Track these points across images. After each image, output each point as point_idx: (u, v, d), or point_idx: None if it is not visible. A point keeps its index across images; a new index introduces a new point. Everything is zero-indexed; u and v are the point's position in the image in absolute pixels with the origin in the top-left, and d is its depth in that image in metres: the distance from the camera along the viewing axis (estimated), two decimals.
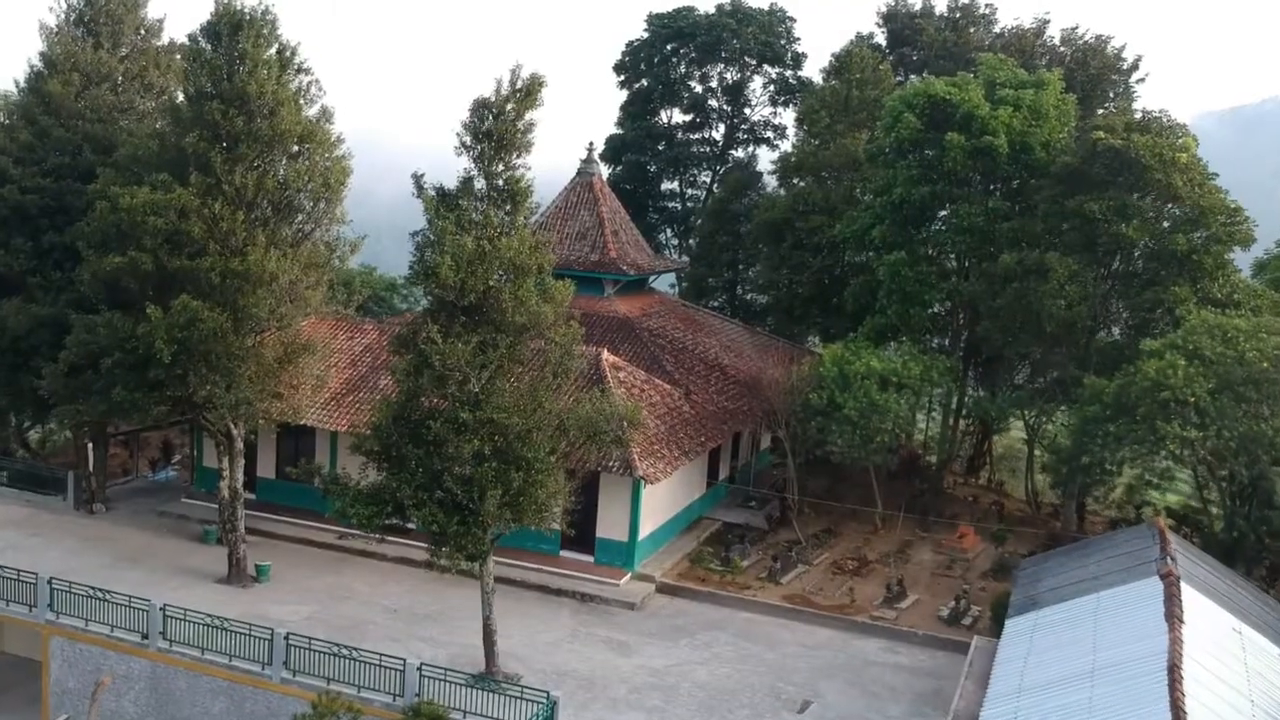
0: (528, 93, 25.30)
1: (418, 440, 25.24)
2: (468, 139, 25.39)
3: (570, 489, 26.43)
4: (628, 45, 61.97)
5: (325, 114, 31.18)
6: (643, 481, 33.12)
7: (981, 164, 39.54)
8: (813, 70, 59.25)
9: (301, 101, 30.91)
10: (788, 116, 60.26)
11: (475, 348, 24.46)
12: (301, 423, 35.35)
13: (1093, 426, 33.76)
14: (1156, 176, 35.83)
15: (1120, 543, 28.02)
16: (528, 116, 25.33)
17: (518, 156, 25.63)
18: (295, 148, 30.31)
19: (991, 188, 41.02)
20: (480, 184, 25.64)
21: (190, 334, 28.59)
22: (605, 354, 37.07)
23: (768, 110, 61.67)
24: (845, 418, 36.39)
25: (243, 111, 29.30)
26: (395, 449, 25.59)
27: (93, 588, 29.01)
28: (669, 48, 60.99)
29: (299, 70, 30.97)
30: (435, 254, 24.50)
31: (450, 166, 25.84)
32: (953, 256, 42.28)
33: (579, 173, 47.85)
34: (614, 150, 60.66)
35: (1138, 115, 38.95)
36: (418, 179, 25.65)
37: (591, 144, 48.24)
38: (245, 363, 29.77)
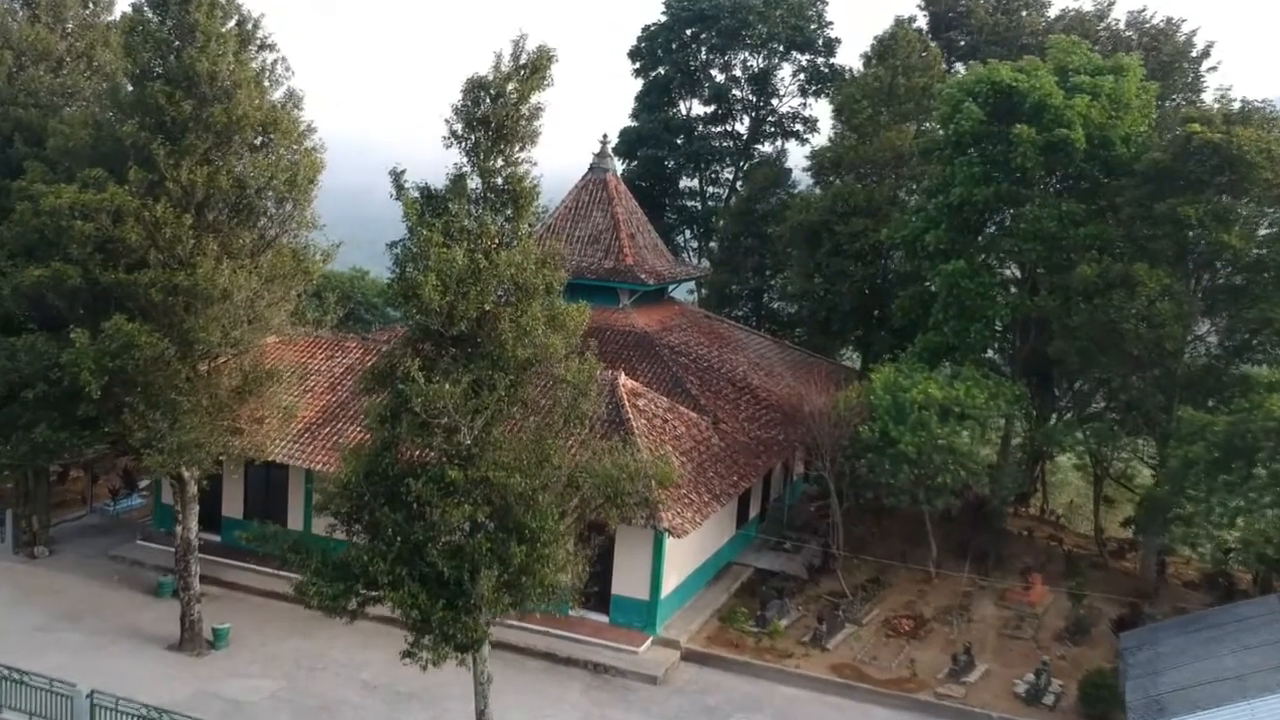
0: (534, 70, 20.25)
1: (395, 502, 20.23)
2: (459, 127, 20.37)
3: (584, 558, 21.37)
4: (644, 30, 56.97)
5: (293, 98, 26.22)
6: (667, 534, 28.13)
7: (1054, 161, 34.42)
8: (846, 57, 54.18)
9: (265, 83, 25.94)
10: (819, 108, 55.41)
11: (467, 389, 19.44)
12: (270, 459, 30.39)
13: (1197, 470, 28.75)
14: (1264, 175, 30.85)
15: (1254, 622, 22.97)
16: (533, 99, 20.28)
17: (521, 149, 20.58)
18: (256, 138, 25.33)
19: (1064, 188, 35.87)
20: (475, 183, 20.60)
21: (124, 363, 23.68)
22: (622, 379, 32.07)
23: (796, 101, 56.66)
24: (901, 455, 31.34)
25: (192, 94, 24.38)
26: (368, 511, 20.59)
27: (7, 668, 24.07)
28: (689, 33, 55.96)
29: (262, 46, 26.04)
30: (417, 270, 19.45)
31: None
32: (1017, 266, 37.17)
33: (591, 169, 42.90)
34: (628, 144, 55.61)
35: (1236, 105, 33.81)
36: (397, 177, 20.61)
37: (605, 136, 43.32)
38: (194, 395, 24.83)
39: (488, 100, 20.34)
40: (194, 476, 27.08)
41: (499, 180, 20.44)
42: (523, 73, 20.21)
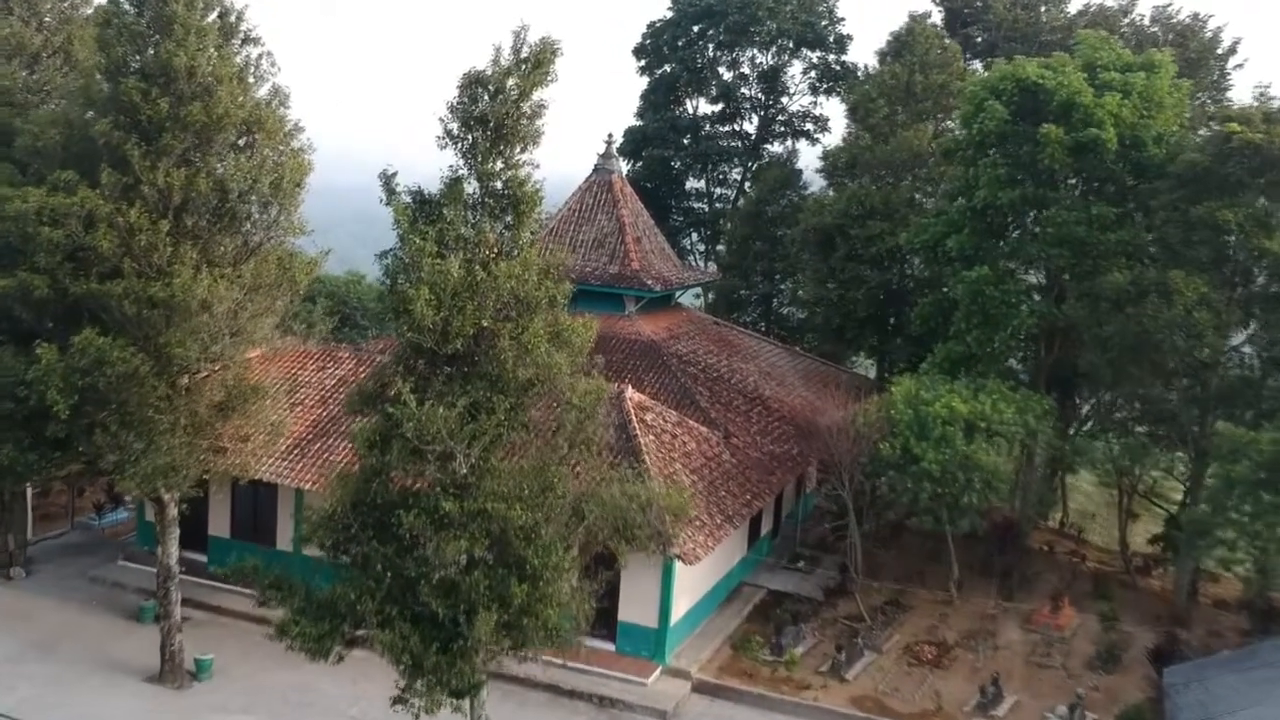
0: (536, 64, 18.57)
1: (385, 535, 18.55)
2: (455, 126, 18.68)
3: (591, 594, 19.66)
4: (649, 26, 55.29)
5: (279, 95, 24.49)
6: (678, 560, 26.43)
7: (1083, 162, 32.71)
8: (859, 54, 52.42)
9: (250, 79, 24.23)
10: (830, 107, 53.65)
11: (463, 413, 17.76)
12: (257, 478, 28.70)
13: (1240, 491, 27.05)
14: None
15: None
16: (536, 96, 18.60)
17: (522, 150, 18.90)
18: (238, 138, 23.64)
19: (1092, 190, 34.15)
20: (472, 187, 18.92)
21: (95, 380, 21.97)
22: (629, 392, 30.37)
23: (807, 100, 54.88)
24: (924, 473, 29.63)
25: (169, 91, 22.67)
26: (355, 544, 18.91)
27: None
28: (696, 29, 54.26)
29: (246, 40, 24.32)
30: (409, 283, 17.75)
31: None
32: (1040, 273, 35.48)
33: (596, 169, 41.22)
34: (634, 144, 53.90)
35: (1277, 104, 32.12)
36: (387, 180, 18.91)
37: (610, 136, 41.63)
38: (171, 414, 23.13)
39: (486, 97, 18.67)
40: (174, 499, 25.41)
41: (498, 184, 18.76)
42: (524, 67, 18.54)
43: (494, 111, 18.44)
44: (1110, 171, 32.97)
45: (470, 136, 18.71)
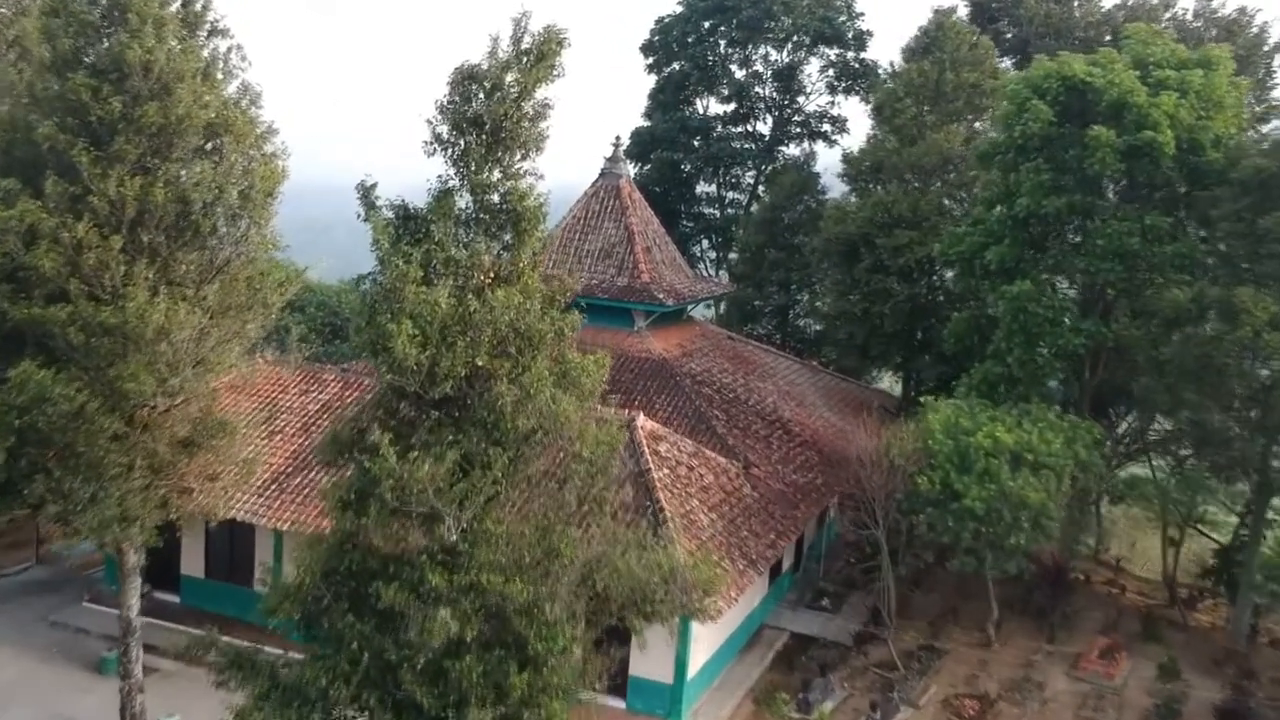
0: (540, 56, 15.81)
1: (361, 609, 15.81)
2: (445, 128, 15.92)
3: (601, 668, 16.90)
4: (657, 22, 52.58)
5: (249, 95, 21.72)
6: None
7: (1137, 168, 29.94)
8: (879, 52, 49.63)
9: (217, 76, 21.46)
10: (849, 107, 50.87)
11: (452, 468, 15.00)
12: (231, 516, 25.94)
13: None
14: None
15: None
16: (539, 94, 15.83)
17: (523, 157, 16.15)
18: (203, 142, 20.87)
19: (1143, 199, 31.36)
20: (464, 200, 16.16)
21: (37, 419, 19.22)
22: (641, 420, 27.63)
23: (824, 99, 52.08)
24: (967, 511, 26.87)
25: (122, 89, 19.89)
26: (327, 620, 16.15)
27: None
28: (706, 25, 51.53)
29: (213, 32, 21.55)
30: (389, 315, 14.98)
31: None
32: (1080, 287, 32.69)
33: (603, 174, 38.56)
34: (641, 146, 51.16)
35: None
36: (366, 191, 16.16)
37: (618, 138, 38.98)
38: (125, 454, 20.37)
39: (481, 95, 15.90)
40: (136, 545, 22.65)
41: (494, 197, 16.00)
42: (525, 60, 15.77)
43: (490, 112, 15.68)
44: (1165, 178, 30.21)
45: (462, 141, 15.95)
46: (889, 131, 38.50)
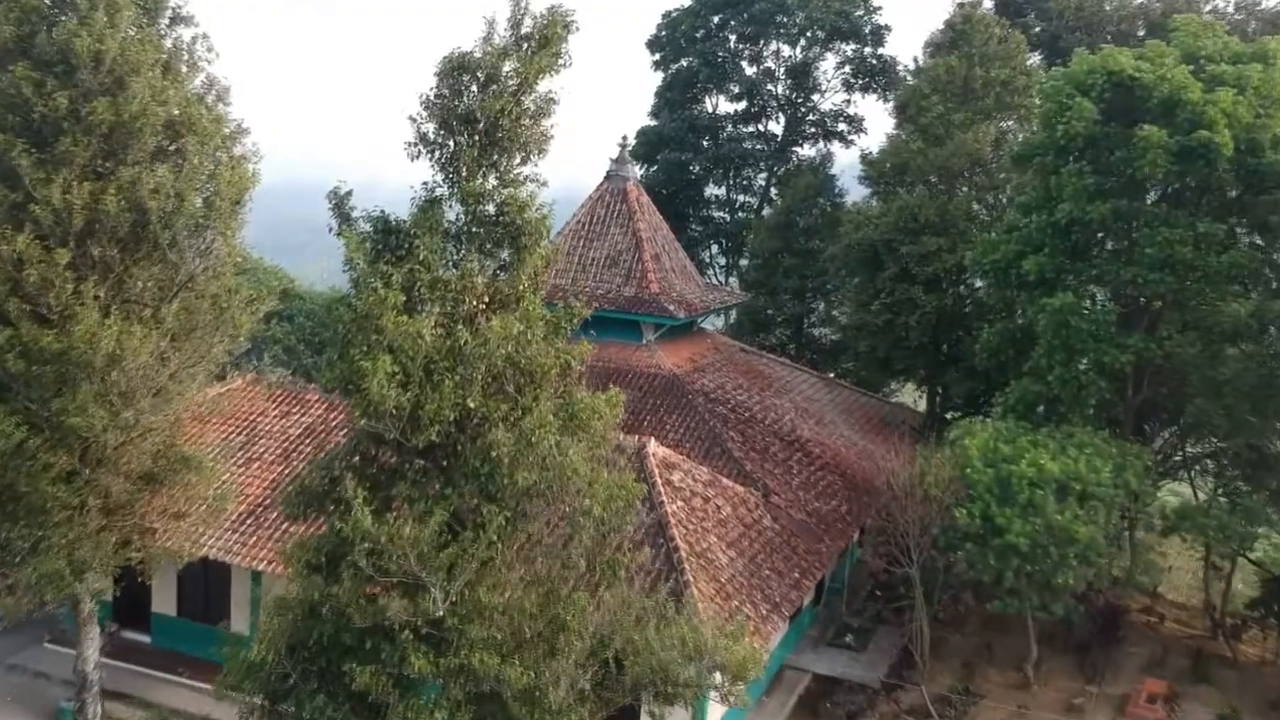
0: (543, 42, 13.50)
1: (334, 689, 13.47)
2: (431, 128, 13.59)
3: None
4: (665, 16, 50.13)
5: (216, 90, 19.41)
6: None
7: (1191, 170, 27.52)
8: (897, 48, 47.22)
9: (181, 68, 19.16)
10: (866, 105, 48.47)
11: (440, 530, 12.65)
12: (202, 555, 23.61)
13: None
14: None
15: None
16: (542, 86, 13.49)
17: (522, 161, 13.85)
18: (164, 142, 18.54)
19: (1191, 203, 28.97)
20: (454, 211, 13.83)
21: None
22: (652, 446, 25.30)
23: (840, 97, 49.64)
24: (1010, 548, 24.49)
25: (69, 83, 17.58)
26: (294, 702, 13.81)
27: None
28: (716, 19, 49.11)
29: (175, 20, 19.26)
30: (363, 349, 12.63)
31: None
32: (1130, 300, 30.27)
33: (609, 176, 36.20)
34: (647, 146, 48.74)
35: None
36: (339, 201, 13.85)
37: (625, 138, 36.63)
38: (75, 495, 18.04)
39: (474, 88, 13.57)
40: (91, 593, 20.34)
41: (489, 208, 13.66)
42: (526, 47, 13.43)
43: (484, 108, 13.37)
44: (1219, 181, 27.80)
45: (452, 142, 13.64)
46: (914, 131, 36.10)
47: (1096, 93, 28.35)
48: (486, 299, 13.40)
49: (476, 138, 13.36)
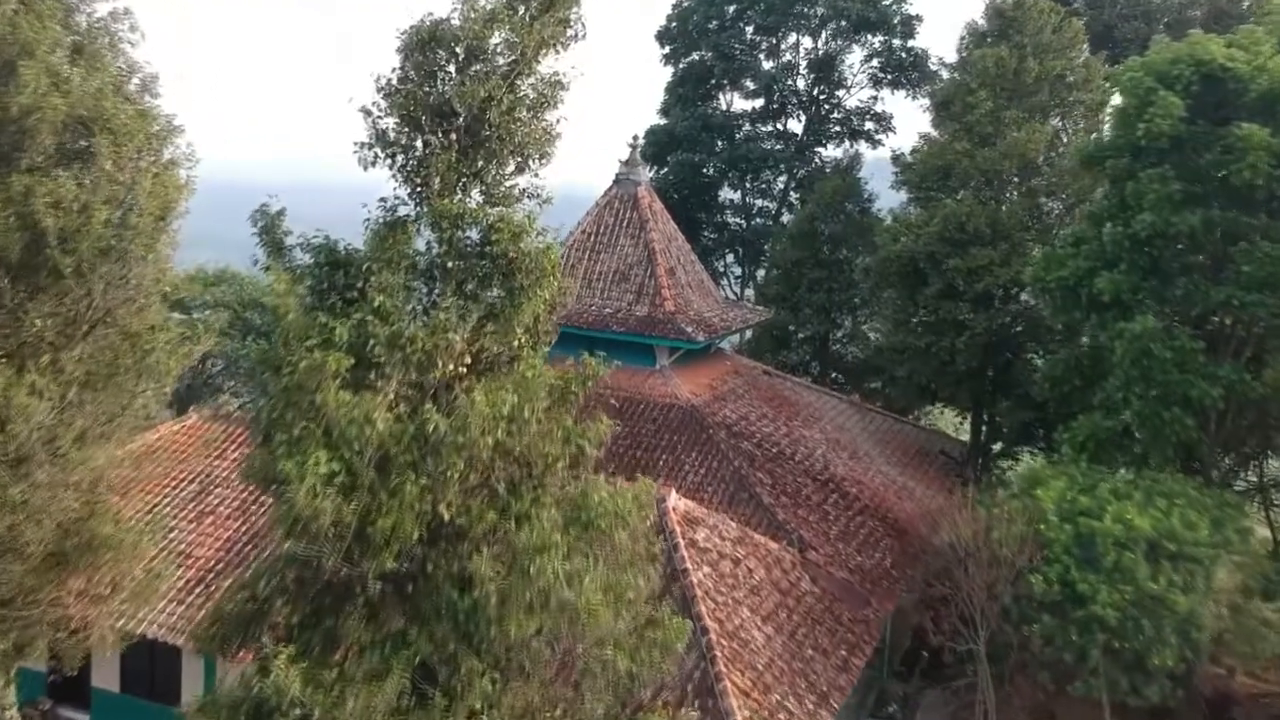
0: (547, 5, 9.68)
1: None
2: (391, 123, 9.81)
3: None
4: (675, 6, 46.40)
5: (139, 78, 15.61)
6: None
7: None
8: (929, 41, 43.50)
9: (95, 51, 15.37)
10: (894, 102, 44.72)
11: (400, 695, 8.84)
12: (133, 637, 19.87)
13: None
14: None
15: None
16: (544, 65, 9.71)
17: (518, 169, 10.06)
18: (68, 142, 14.74)
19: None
20: (426, 239, 10.05)
21: None
22: (672, 499, 21.53)
23: (866, 94, 45.80)
24: (1095, 620, 20.71)
25: None
26: None
27: None
28: (731, 9, 45.37)
29: None
30: (287, 441, 8.84)
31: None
32: (1218, 326, 26.49)
33: (618, 180, 32.53)
34: (657, 146, 44.95)
35: None
36: (268, 225, 10.07)
37: (636, 138, 32.91)
38: None
39: (451, 68, 9.79)
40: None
41: (472, 235, 9.86)
42: (523, 11, 9.63)
43: (465, 95, 9.58)
44: None
45: (420, 143, 9.84)
46: (958, 130, 32.24)
47: (1182, 86, 24.59)
48: (468, 361, 9.65)
49: (454, 137, 9.62)
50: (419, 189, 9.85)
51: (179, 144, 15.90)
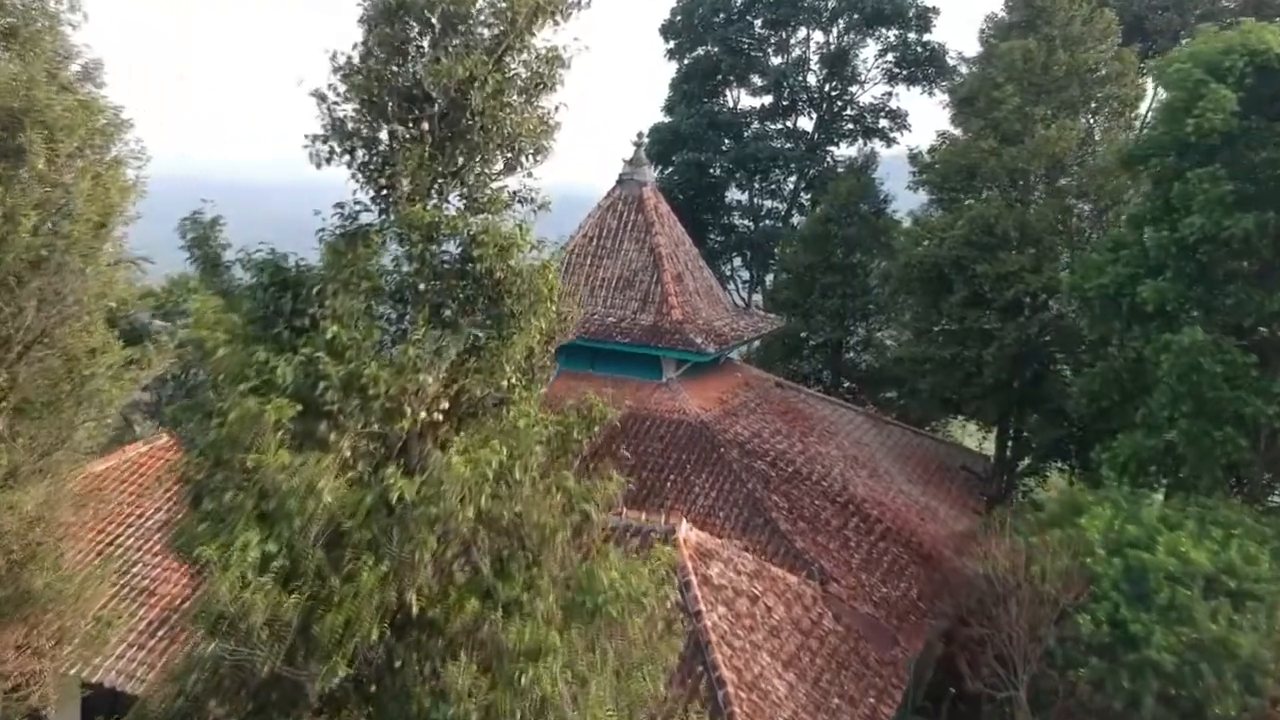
0: None
1: None
2: (349, 111, 7.87)
3: None
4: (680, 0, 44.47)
5: (79, 64, 13.72)
6: None
7: None
8: (945, 34, 41.62)
9: (31, 33, 13.48)
10: (910, 99, 43.03)
11: None
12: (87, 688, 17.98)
13: None
14: None
15: None
16: (541, 40, 7.76)
17: (508, 167, 8.11)
18: None
19: None
20: (392, 253, 8.10)
21: None
22: (684, 530, 19.62)
23: (881, 90, 43.87)
24: (1149, 665, 18.77)
25: None
26: None
27: None
28: (739, 2, 43.43)
29: None
30: (213, 517, 6.91)
31: None
32: (1266, 339, 24.58)
33: (621, 181, 30.58)
34: (662, 145, 42.97)
35: None
36: (201, 233, 8.11)
37: (641, 136, 30.95)
38: None
39: (425, 43, 7.88)
40: None
41: (450, 249, 7.93)
42: None
43: (441, 75, 7.62)
44: None
45: (386, 134, 7.90)
46: (984, 127, 30.31)
47: (1235, 78, 22.70)
48: (444, 406, 7.74)
49: (426, 126, 7.71)
50: (384, 192, 7.95)
51: (127, 140, 14.00)
